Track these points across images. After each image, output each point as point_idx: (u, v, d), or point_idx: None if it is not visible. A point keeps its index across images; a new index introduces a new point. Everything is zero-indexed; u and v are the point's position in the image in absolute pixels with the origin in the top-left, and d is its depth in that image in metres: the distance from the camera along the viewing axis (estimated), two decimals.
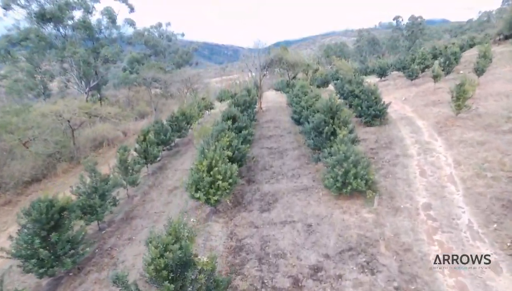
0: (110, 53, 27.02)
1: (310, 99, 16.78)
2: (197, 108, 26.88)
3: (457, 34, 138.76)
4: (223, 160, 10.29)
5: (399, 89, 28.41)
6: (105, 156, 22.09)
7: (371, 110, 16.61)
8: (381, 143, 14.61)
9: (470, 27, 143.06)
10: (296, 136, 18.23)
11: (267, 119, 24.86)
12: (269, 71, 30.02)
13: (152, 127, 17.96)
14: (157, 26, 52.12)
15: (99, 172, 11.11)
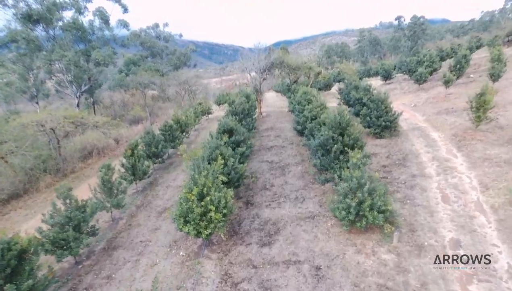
0: (102, 56, 25.59)
1: (315, 109, 15.35)
2: (194, 114, 25.45)
3: (459, 34, 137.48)
4: (216, 186, 8.87)
5: (407, 94, 26.99)
6: (94, 167, 20.65)
7: (381, 121, 15.18)
8: (394, 159, 13.19)
9: (472, 27, 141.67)
10: (299, 148, 16.82)
11: (267, 126, 23.44)
12: (269, 74, 28.58)
13: (142, 139, 16.56)
14: (154, 27, 50.64)
15: (75, 198, 9.67)
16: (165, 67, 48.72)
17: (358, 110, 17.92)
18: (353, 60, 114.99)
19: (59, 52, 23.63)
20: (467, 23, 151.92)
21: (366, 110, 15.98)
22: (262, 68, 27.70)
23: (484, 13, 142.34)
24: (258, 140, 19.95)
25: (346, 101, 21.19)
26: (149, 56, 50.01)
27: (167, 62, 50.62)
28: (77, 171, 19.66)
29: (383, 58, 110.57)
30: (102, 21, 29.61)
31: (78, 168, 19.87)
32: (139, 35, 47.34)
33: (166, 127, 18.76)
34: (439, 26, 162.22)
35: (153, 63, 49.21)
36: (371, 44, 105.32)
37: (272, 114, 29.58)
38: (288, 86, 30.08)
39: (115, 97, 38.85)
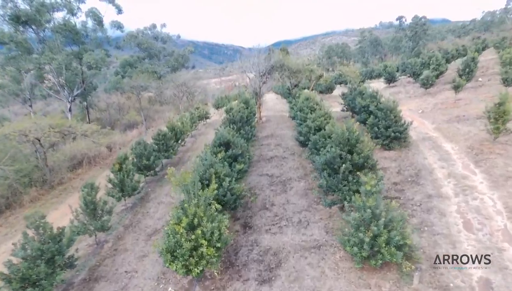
0: (94, 59, 24.48)
1: (318, 118, 14.23)
2: (190, 120, 24.33)
3: (461, 34, 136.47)
4: (209, 215, 7.75)
5: (413, 98, 25.87)
6: (84, 178, 19.52)
7: (389, 132, 14.06)
8: (406, 175, 12.07)
9: (473, 27, 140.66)
10: (301, 160, 15.70)
11: (267, 133, 22.31)
12: (269, 78, 27.44)
13: (133, 149, 15.44)
14: (151, 28, 49.52)
15: (49, 227, 8.54)
16: (162, 69, 47.58)
17: (364, 118, 16.80)
18: (353, 60, 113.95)
19: (49, 55, 22.52)
20: (468, 23, 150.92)
21: (373, 119, 14.86)
22: (262, 72, 26.58)
23: (485, 13, 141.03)
24: (257, 149, 18.84)
25: (350, 107, 20.06)
26: (146, 57, 48.89)
27: (164, 63, 49.49)
28: (65, 182, 18.53)
29: (384, 59, 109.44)
30: (96, 22, 28.49)
31: (66, 178, 18.75)
32: (135, 36, 46.22)
33: (160, 136, 17.64)
34: (439, 26, 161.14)
35: (150, 64, 48.10)
36: (372, 44, 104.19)
37: (272, 119, 28.46)
38: (289, 90, 28.95)
39: (110, 100, 37.70)
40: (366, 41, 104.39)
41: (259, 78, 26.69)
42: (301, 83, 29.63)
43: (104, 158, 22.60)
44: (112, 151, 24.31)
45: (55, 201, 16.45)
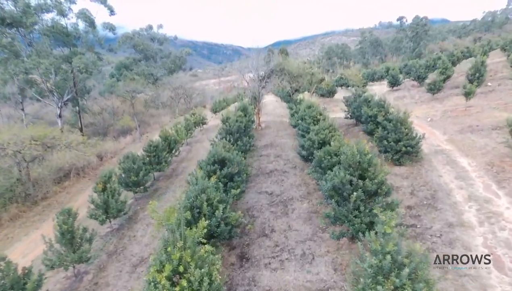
0: (83, 63, 23.25)
1: (322, 131, 13.02)
2: (185, 127, 23.11)
3: (461, 35, 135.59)
4: (198, 258, 6.54)
5: (419, 104, 24.70)
6: (71, 191, 18.31)
7: (400, 146, 12.86)
8: (421, 197, 10.87)
9: (474, 27, 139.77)
10: (303, 175, 14.49)
11: (267, 142, 21.10)
12: (268, 82, 26.26)
13: (121, 164, 14.21)
14: (148, 29, 48.26)
15: (13, 268, 7.31)
16: (159, 71, 46.35)
17: (371, 129, 15.63)
18: (353, 61, 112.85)
19: (35, 60, 21.28)
20: (469, 24, 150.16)
21: (382, 131, 13.66)
22: (261, 76, 25.40)
23: (486, 13, 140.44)
24: (256, 160, 17.63)
25: (355, 116, 18.87)
26: (142, 59, 47.63)
27: (161, 65, 48.25)
28: (50, 196, 17.29)
29: (385, 60, 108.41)
30: (87, 24, 27.23)
31: (51, 192, 17.50)
32: (131, 37, 44.95)
33: (151, 147, 16.41)
34: (440, 26, 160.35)
35: (147, 67, 46.85)
36: (372, 45, 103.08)
37: (271, 125, 27.27)
38: (289, 95, 27.75)
39: (104, 103, 36.44)
40: (366, 42, 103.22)
41: (258, 83, 25.50)
42: (302, 87, 28.42)
43: (94, 168, 21.36)
44: (103, 160, 23.08)
45: (37, 219, 15.21)
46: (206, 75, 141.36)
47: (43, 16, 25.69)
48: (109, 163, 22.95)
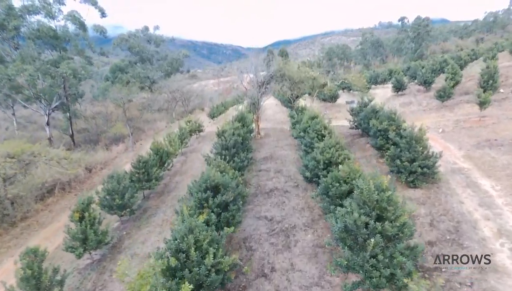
0: (71, 69, 21.84)
1: (328, 149, 11.65)
2: (179, 137, 21.73)
3: (463, 35, 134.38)
4: None
5: (428, 112, 23.33)
6: (54, 209, 16.92)
7: (415, 166, 11.50)
8: (442, 229, 9.51)
9: (476, 28, 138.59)
10: (306, 196, 13.15)
11: (266, 154, 19.72)
12: (268, 88, 24.88)
13: (105, 184, 12.83)
14: (144, 30, 46.83)
15: None
16: (155, 74, 44.93)
17: (380, 144, 14.26)
18: (354, 62, 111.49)
19: (17, 66, 19.88)
20: (470, 24, 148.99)
21: (394, 150, 12.31)
22: (260, 82, 24.03)
23: (487, 14, 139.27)
24: (255, 176, 16.27)
25: (361, 127, 17.50)
26: (138, 61, 46.22)
27: (157, 68, 46.84)
28: (30, 216, 15.89)
29: (386, 60, 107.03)
30: (78, 26, 25.83)
31: (33, 211, 16.10)
32: (126, 39, 43.53)
33: (140, 163, 15.02)
34: (441, 27, 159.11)
35: (143, 69, 45.45)
36: (373, 46, 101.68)
37: (271, 133, 25.90)
38: (290, 101, 26.37)
39: (98, 108, 35.03)
40: (367, 42, 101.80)
41: (257, 89, 24.12)
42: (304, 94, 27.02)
43: (81, 182, 19.96)
44: (92, 172, 21.68)
45: (13, 243, 13.83)
46: (205, 75, 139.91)
47: (31, 18, 24.28)
48: (98, 175, 21.55)
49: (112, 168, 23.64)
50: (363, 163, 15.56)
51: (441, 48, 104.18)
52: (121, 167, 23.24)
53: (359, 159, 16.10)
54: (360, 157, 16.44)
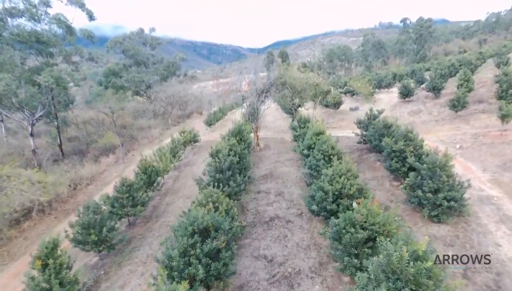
0: (53, 77, 20.14)
1: (337, 177, 9.97)
2: (171, 151, 20.05)
3: (465, 36, 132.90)
4: None
5: (440, 123, 21.65)
6: (30, 235, 15.22)
7: (440, 199, 9.82)
8: (479, 283, 7.81)
9: (478, 28, 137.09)
10: (311, 229, 11.45)
11: (266, 171, 18.04)
12: (267, 96, 23.26)
13: (80, 217, 11.12)
14: (139, 32, 45.14)
15: None
16: (150, 77, 43.25)
17: (395, 168, 12.57)
18: (355, 63, 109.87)
19: None
20: (472, 24, 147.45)
21: (414, 177, 10.63)
22: (260, 90, 22.37)
23: (489, 14, 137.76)
24: (253, 199, 14.58)
25: (372, 145, 15.79)
26: (133, 65, 44.53)
27: (153, 72, 45.13)
28: (2, 245, 14.19)
29: (387, 62, 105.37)
30: (64, 30, 24.18)
31: (5, 239, 14.40)
32: (120, 42, 41.85)
33: (124, 188, 13.32)
34: (442, 27, 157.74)
35: (138, 73, 43.76)
36: (375, 47, 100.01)
37: (271, 144, 24.22)
38: (291, 111, 24.69)
39: (89, 115, 33.34)
40: (369, 43, 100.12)
41: (257, 97, 22.46)
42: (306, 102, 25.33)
43: (64, 201, 18.28)
44: (77, 189, 19.99)
45: None
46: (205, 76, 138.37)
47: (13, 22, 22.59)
48: (84, 192, 19.87)
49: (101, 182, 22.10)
50: (374, 185, 13.90)
51: (444, 50, 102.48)
52: (110, 182, 21.57)
53: (370, 180, 14.44)
54: (370, 177, 14.77)
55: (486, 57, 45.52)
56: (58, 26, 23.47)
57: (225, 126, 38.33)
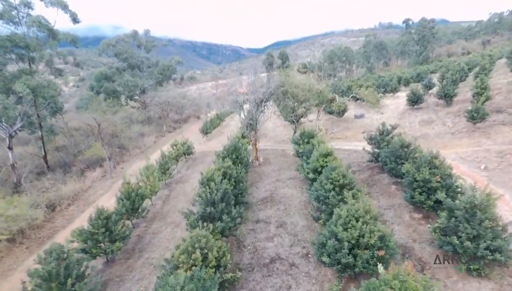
0: (29, 87, 18.17)
1: (353, 220, 8.05)
2: (161, 168, 18.11)
3: (467, 37, 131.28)
4: None
5: (457, 137, 19.71)
6: None
7: (481, 249, 7.90)
8: None
9: (480, 29, 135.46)
10: (320, 277, 9.52)
11: (265, 193, 16.11)
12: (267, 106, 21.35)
13: (41, 266, 9.18)
14: (133, 35, 43.18)
15: None
16: (145, 82, 41.28)
17: (419, 200, 10.64)
18: (356, 65, 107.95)
19: None
20: (474, 25, 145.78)
21: (446, 219, 8.71)
22: (259, 99, 20.46)
23: (492, 15, 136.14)
24: (250, 231, 12.65)
25: (388, 168, 13.79)
26: (126, 68, 42.55)
27: (148, 76, 43.15)
28: None
29: (389, 63, 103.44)
30: (47, 33, 22.24)
31: None
32: (113, 44, 39.90)
33: (99, 221, 11.36)
34: (444, 28, 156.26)
35: (132, 77, 41.80)
36: (377, 48, 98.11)
37: (271, 157, 22.29)
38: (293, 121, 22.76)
39: (77, 124, 31.36)
40: (370, 45, 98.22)
41: (255, 108, 20.54)
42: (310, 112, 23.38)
43: (39, 227, 16.29)
44: (56, 211, 18.04)
45: None
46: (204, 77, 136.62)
47: None
48: (63, 215, 17.90)
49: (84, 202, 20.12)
50: (391, 217, 11.98)
51: (447, 51, 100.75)
52: (94, 202, 19.61)
53: (385, 210, 12.53)
54: (385, 205, 12.85)
55: (495, 59, 43.75)
56: (38, 29, 21.56)
57: (223, 134, 36.36)
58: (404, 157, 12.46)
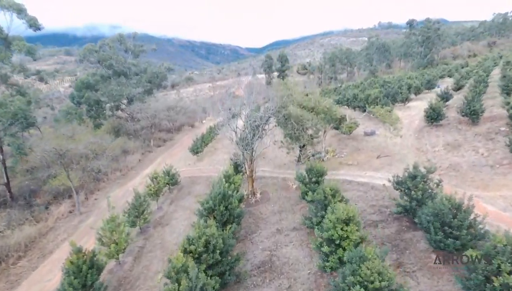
0: None
1: None
2: (130, 217, 14.48)
3: (470, 37, 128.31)
4: None
5: (499, 171, 16.08)
6: None
7: None
8: None
9: (484, 30, 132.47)
10: None
11: (262, 254, 12.51)
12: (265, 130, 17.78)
13: None
14: (119, 39, 39.45)
15: None
16: (131, 90, 37.58)
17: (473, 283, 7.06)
18: (358, 67, 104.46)
19: None
20: (478, 26, 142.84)
21: None
22: (255, 123, 16.88)
23: (496, 15, 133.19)
24: None
25: (423, 227, 10.19)
26: (112, 76, 38.82)
27: (135, 83, 39.46)
28: None
29: (392, 66, 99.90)
30: None
31: None
32: (96, 50, 36.20)
33: None
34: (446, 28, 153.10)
35: (118, 85, 38.08)
36: (379, 50, 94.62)
37: (271, 191, 18.67)
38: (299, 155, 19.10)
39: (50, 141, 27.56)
40: (373, 47, 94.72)
41: (251, 133, 16.95)
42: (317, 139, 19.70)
43: None
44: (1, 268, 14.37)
45: None
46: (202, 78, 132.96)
47: None
48: (7, 275, 14.18)
49: (39, 253, 16.42)
50: None
51: (452, 53, 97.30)
52: (52, 251, 15.96)
53: None
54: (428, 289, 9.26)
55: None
56: None
57: (216, 151, 32.71)
58: (456, 226, 8.89)
